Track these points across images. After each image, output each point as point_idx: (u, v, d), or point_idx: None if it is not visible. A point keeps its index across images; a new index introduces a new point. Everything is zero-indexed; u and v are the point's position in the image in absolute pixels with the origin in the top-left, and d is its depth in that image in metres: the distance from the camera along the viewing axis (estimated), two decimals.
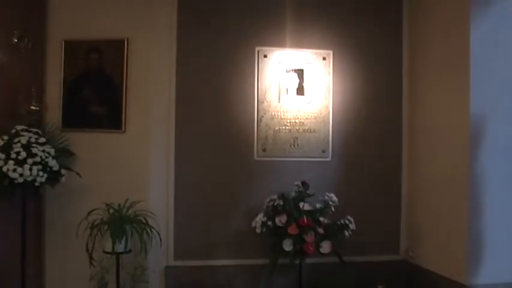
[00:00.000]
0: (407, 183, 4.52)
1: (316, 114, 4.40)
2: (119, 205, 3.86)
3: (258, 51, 4.32)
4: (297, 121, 4.37)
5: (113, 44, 4.13)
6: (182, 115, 4.22)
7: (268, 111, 4.32)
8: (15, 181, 3.53)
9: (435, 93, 4.07)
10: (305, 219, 3.87)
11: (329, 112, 4.42)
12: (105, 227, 3.71)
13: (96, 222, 3.73)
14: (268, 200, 4.03)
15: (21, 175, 3.54)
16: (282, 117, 4.35)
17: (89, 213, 3.76)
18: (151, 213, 3.97)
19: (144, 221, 3.85)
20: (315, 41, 4.40)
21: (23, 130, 3.73)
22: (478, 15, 3.58)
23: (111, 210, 3.81)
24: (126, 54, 4.14)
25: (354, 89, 4.48)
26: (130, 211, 3.84)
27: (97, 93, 4.16)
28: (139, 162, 4.14)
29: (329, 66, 4.43)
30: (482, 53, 3.58)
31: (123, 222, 3.75)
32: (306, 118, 4.38)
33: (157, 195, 4.14)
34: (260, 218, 3.95)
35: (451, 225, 3.79)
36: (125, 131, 4.15)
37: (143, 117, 4.16)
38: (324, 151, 4.42)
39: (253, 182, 4.30)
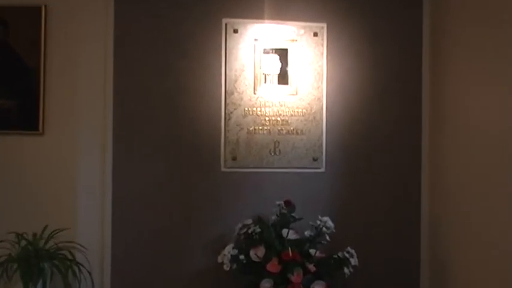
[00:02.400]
0: (429, 201, 4.40)
1: (304, 110, 4.28)
2: (34, 235, 3.79)
3: (226, 25, 4.22)
4: (278, 119, 4.26)
5: (24, 13, 4.01)
6: (122, 112, 4.14)
7: (239, 105, 4.22)
8: None
9: (467, 82, 3.92)
10: (290, 252, 3.79)
11: (322, 107, 4.31)
12: (14, 266, 3.64)
13: (1, 260, 3.64)
14: (240, 226, 3.98)
15: None
16: (259, 113, 4.25)
17: None
18: (80, 245, 3.91)
19: (69, 256, 3.80)
20: (303, 11, 4.30)
21: None
22: None
23: (23, 243, 3.74)
24: (43, 27, 4.00)
25: (356, 76, 4.36)
26: (50, 243, 3.78)
27: (2, 80, 4.05)
28: (63, 175, 4.04)
29: (322, 45, 4.31)
30: None
31: (39, 259, 3.66)
32: (291, 115, 4.27)
33: (88, 221, 4.05)
34: (229, 250, 3.88)
35: (493, 258, 3.56)
36: (43, 133, 4.02)
37: (69, 114, 4.08)
38: (315, 159, 4.29)
39: (220, 201, 4.21)
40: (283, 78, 4.24)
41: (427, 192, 4.42)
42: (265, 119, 4.23)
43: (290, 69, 4.26)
